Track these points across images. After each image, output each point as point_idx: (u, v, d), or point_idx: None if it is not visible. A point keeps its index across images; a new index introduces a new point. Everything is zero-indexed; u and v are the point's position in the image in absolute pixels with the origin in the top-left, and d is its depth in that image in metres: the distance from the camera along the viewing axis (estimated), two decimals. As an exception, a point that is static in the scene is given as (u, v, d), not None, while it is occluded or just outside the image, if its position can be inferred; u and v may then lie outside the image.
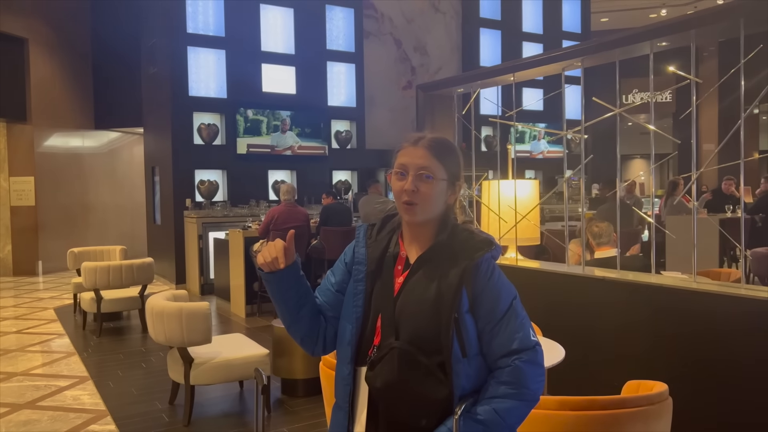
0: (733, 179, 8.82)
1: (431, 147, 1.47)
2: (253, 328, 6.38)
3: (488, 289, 1.42)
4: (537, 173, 12.40)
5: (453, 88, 4.58)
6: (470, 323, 1.41)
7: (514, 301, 1.45)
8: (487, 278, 1.43)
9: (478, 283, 1.42)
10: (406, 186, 1.43)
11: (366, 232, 1.58)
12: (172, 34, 8.87)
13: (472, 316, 1.41)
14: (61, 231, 10.93)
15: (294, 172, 9.88)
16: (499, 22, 12.34)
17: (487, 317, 1.42)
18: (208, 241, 8.41)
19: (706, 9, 2.85)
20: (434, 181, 1.44)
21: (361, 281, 1.50)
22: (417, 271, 1.46)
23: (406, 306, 1.43)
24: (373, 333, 1.45)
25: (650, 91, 3.14)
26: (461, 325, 1.39)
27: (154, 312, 3.68)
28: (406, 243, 1.51)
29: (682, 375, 2.79)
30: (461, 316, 1.39)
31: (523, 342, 1.42)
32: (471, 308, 1.41)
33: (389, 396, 1.39)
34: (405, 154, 1.47)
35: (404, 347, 1.38)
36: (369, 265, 1.51)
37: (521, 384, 1.39)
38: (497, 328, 1.41)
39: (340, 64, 10.37)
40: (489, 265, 1.44)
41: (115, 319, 6.78)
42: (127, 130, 12.32)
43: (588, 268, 3.51)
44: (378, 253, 1.52)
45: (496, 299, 1.43)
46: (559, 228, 7.37)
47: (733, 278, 4.41)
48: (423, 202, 1.43)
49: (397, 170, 1.46)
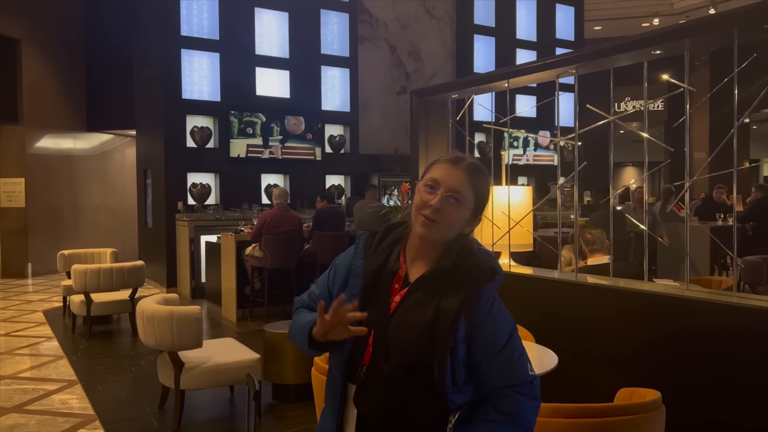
0: (723, 187, 8.88)
1: (470, 171, 1.43)
2: (244, 332, 6.34)
3: (488, 321, 1.39)
4: (530, 180, 12.43)
5: (447, 94, 4.58)
6: (463, 352, 1.37)
7: (513, 333, 1.42)
8: (488, 309, 1.40)
9: (477, 313, 1.38)
10: (433, 202, 1.38)
11: (366, 243, 1.52)
12: (166, 36, 8.84)
13: (466, 346, 1.38)
14: (51, 233, 10.84)
15: (287, 176, 9.86)
16: (493, 28, 12.39)
17: (485, 349, 1.39)
18: (200, 244, 8.37)
19: (701, 18, 2.87)
20: (461, 208, 1.41)
21: (356, 296, 1.44)
22: (415, 292, 1.41)
23: (400, 327, 1.38)
24: (364, 350, 1.41)
25: (644, 99, 3.15)
26: (455, 355, 1.35)
27: (144, 315, 3.64)
28: (409, 259, 1.46)
29: (675, 382, 2.79)
30: (456, 345, 1.36)
31: (522, 377, 1.41)
32: (467, 337, 1.37)
33: (377, 419, 1.38)
34: (441, 170, 1.42)
35: (393, 372, 1.35)
36: (366, 279, 1.45)
37: (518, 414, 1.38)
38: (496, 360, 1.39)
39: (334, 68, 10.38)
40: (490, 296, 1.41)
41: (105, 323, 6.72)
42: (119, 132, 12.26)
43: (581, 275, 3.51)
44: (376, 266, 1.46)
45: (495, 331, 1.40)
46: (552, 234, 7.39)
47: (724, 286, 4.43)
48: (443, 223, 1.39)
49: (428, 183, 1.41)
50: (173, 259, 8.83)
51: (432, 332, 1.34)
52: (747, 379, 2.59)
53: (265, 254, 6.58)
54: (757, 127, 16.83)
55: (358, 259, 1.49)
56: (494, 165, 4.53)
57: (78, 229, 11.49)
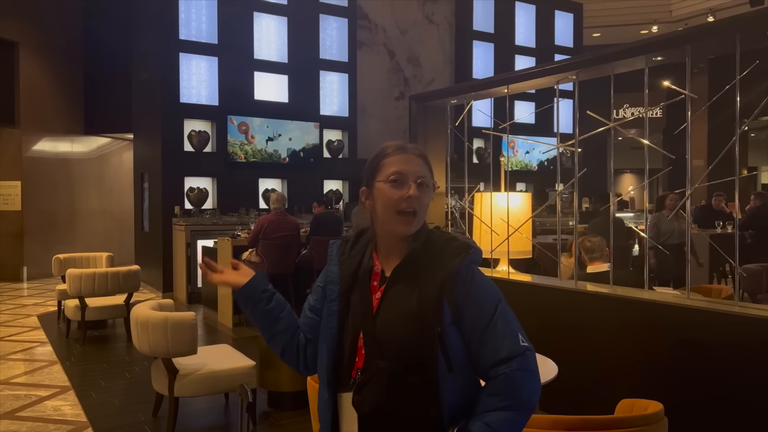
0: (723, 195, 8.85)
1: (421, 155, 1.45)
2: (240, 338, 6.29)
3: (470, 297, 1.35)
4: (528, 186, 12.41)
5: (446, 99, 4.56)
6: (455, 336, 1.33)
7: (499, 305, 1.37)
8: (467, 286, 1.36)
9: (458, 292, 1.34)
10: (411, 192, 1.37)
11: (339, 249, 1.50)
12: (165, 40, 8.81)
13: (456, 328, 1.34)
14: (47, 237, 10.79)
15: (285, 180, 9.82)
16: (492, 35, 12.39)
17: (472, 327, 1.34)
18: (197, 249, 8.32)
19: (702, 24, 2.85)
20: (429, 190, 1.42)
21: (334, 301, 1.42)
22: (395, 285, 1.38)
23: (387, 323, 1.35)
24: (354, 354, 1.37)
25: (645, 105, 3.12)
26: (446, 339, 1.31)
27: (138, 321, 3.60)
28: (382, 256, 1.43)
29: (678, 393, 2.75)
30: (445, 329, 1.32)
31: (512, 348, 1.33)
32: (454, 319, 1.33)
33: (378, 419, 1.32)
34: (398, 162, 1.41)
35: (392, 367, 1.31)
36: (342, 283, 1.43)
37: (513, 394, 1.31)
38: (484, 336, 1.34)
39: (333, 73, 10.36)
40: (468, 271, 1.36)
41: (100, 328, 6.66)
42: (117, 135, 12.22)
43: (581, 283, 3.48)
44: (351, 269, 1.44)
45: (479, 306, 1.35)
46: (550, 241, 7.36)
47: (724, 295, 4.40)
48: (421, 211, 1.39)
49: (392, 178, 1.39)
50: (169, 263, 8.77)
51: (419, 321, 1.32)
52: (750, 388, 2.55)
53: (262, 259, 6.54)
54: (755, 134, 16.85)
55: (332, 265, 1.48)
56: (493, 171, 4.50)
57: (74, 233, 11.43)
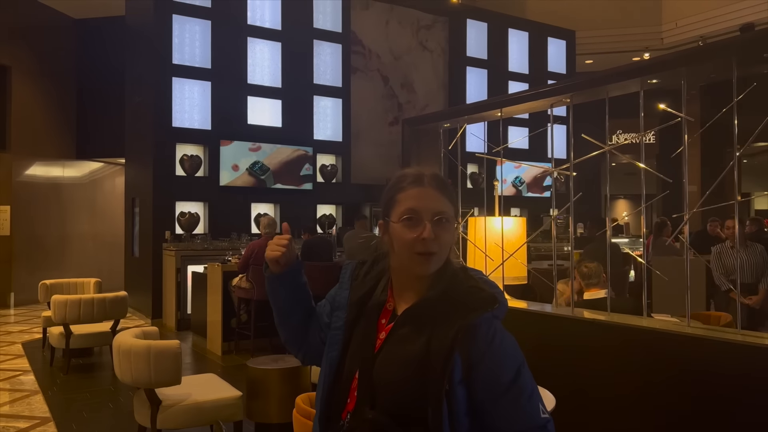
0: (717, 220, 8.81)
1: (437, 185, 1.27)
2: (228, 366, 6.14)
3: (489, 357, 1.19)
4: (522, 211, 12.36)
5: (439, 123, 4.50)
6: (462, 396, 1.18)
7: (521, 368, 1.22)
8: (488, 343, 1.20)
9: (476, 348, 1.19)
10: (425, 234, 1.21)
11: (352, 273, 1.38)
12: (158, 64, 8.79)
13: (465, 388, 1.19)
14: (36, 262, 10.63)
15: (277, 205, 9.74)
16: (485, 61, 12.47)
17: (487, 390, 1.19)
18: (186, 274, 8.19)
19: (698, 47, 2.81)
20: (450, 227, 1.26)
21: (339, 330, 1.31)
22: (403, 326, 1.24)
23: (386, 367, 1.21)
24: (347, 395, 1.26)
25: (641, 128, 3.07)
26: (452, 399, 1.16)
27: (121, 350, 3.47)
28: (396, 292, 1.30)
29: (678, 422, 2.64)
30: (453, 388, 1.17)
31: (533, 419, 1.20)
32: (465, 377, 1.18)
33: None
34: (413, 198, 1.25)
35: (381, 420, 1.18)
36: (350, 312, 1.31)
37: None
38: (501, 402, 1.19)
39: (326, 98, 10.36)
40: (490, 327, 1.21)
41: (85, 356, 6.50)
42: (109, 160, 12.15)
43: (577, 310, 3.38)
44: (360, 298, 1.32)
45: (499, 368, 1.20)
46: (546, 267, 7.27)
47: (723, 322, 4.31)
48: (441, 251, 1.25)
49: (407, 216, 1.24)
50: (159, 289, 8.63)
51: (422, 372, 1.17)
52: (753, 419, 2.45)
53: (253, 285, 6.42)
54: (747, 161, 16.92)
55: (343, 290, 1.36)
56: (487, 196, 4.43)
57: (64, 259, 11.28)
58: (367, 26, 11.24)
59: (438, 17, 12.11)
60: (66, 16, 11.44)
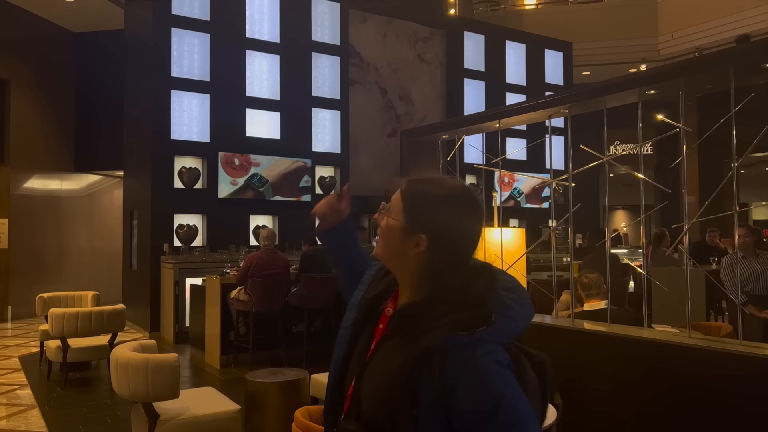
0: (716, 231, 8.82)
1: (405, 189, 1.24)
2: (227, 380, 6.09)
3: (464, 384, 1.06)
4: (521, 222, 12.36)
5: (438, 135, 4.51)
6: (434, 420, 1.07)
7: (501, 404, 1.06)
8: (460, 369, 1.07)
9: (448, 372, 1.07)
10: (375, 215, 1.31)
11: (375, 274, 1.37)
12: (157, 77, 8.82)
13: (436, 414, 1.07)
14: (34, 275, 10.58)
15: (276, 217, 9.73)
16: (482, 73, 12.53)
17: (463, 421, 1.07)
18: (185, 287, 8.16)
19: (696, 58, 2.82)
20: (387, 219, 1.24)
21: (347, 329, 1.29)
22: (391, 338, 1.18)
23: (369, 379, 1.16)
24: (344, 397, 1.25)
25: (639, 138, 3.08)
26: (420, 424, 1.07)
27: (118, 364, 3.44)
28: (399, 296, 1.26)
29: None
30: (420, 412, 1.07)
31: None
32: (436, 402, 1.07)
33: None
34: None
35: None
36: (358, 313, 1.30)
37: None
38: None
39: (325, 110, 10.38)
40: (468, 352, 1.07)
41: (83, 369, 6.45)
42: (108, 173, 12.15)
43: (577, 321, 3.37)
44: (371, 299, 1.30)
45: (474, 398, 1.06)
46: (545, 278, 7.26)
47: (723, 332, 4.29)
48: (380, 237, 1.26)
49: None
50: (157, 302, 8.59)
51: (392, 390, 1.09)
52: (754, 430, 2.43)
53: (251, 297, 6.39)
54: (744, 171, 16.97)
55: (360, 291, 1.35)
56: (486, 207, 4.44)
57: (62, 272, 11.24)
58: (365, 39, 11.30)
59: (435, 30, 12.18)
60: (65, 30, 11.49)
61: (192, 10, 9.09)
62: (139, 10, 9.48)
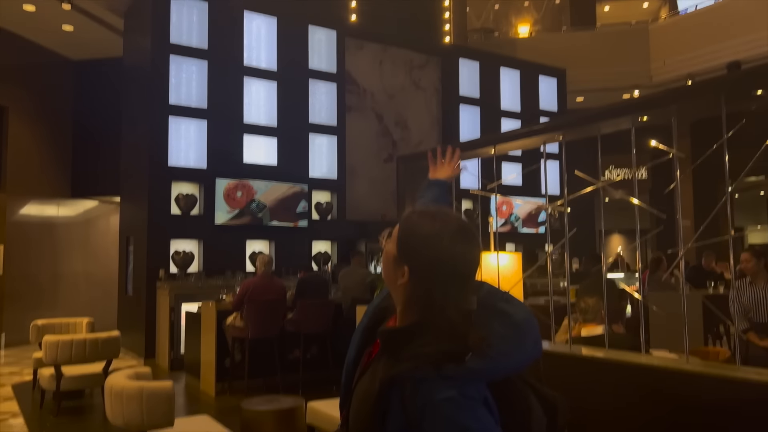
0: (713, 254, 8.84)
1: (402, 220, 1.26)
2: (222, 407, 6.02)
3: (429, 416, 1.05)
4: (517, 247, 12.37)
5: (434, 160, 4.54)
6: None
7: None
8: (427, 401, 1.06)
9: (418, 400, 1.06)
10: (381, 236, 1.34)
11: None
12: (155, 104, 8.88)
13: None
14: (28, 301, 10.50)
15: (272, 242, 9.72)
16: (477, 99, 12.66)
17: None
18: (180, 313, 8.11)
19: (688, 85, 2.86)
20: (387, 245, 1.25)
21: (359, 333, 1.32)
22: (379, 359, 1.17)
23: (357, 393, 1.18)
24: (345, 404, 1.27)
25: (633, 164, 3.10)
26: None
27: (112, 392, 3.40)
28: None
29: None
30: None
31: None
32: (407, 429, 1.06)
33: None
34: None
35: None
36: (369, 320, 1.33)
37: None
38: None
39: (322, 136, 10.45)
40: (430, 385, 1.06)
41: (77, 398, 6.36)
42: (104, 198, 12.15)
43: (575, 347, 3.35)
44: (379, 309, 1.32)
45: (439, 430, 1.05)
46: (542, 303, 7.24)
47: (722, 357, 4.28)
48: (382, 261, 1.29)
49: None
50: (152, 328, 8.53)
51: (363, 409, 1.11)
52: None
53: (247, 324, 6.35)
54: (739, 195, 17.07)
55: (378, 297, 1.37)
56: (482, 232, 4.44)
57: (57, 298, 11.16)
58: (361, 66, 11.43)
59: (431, 57, 12.33)
60: (64, 58, 11.60)
61: (190, 39, 9.20)
62: (137, 38, 9.59)
